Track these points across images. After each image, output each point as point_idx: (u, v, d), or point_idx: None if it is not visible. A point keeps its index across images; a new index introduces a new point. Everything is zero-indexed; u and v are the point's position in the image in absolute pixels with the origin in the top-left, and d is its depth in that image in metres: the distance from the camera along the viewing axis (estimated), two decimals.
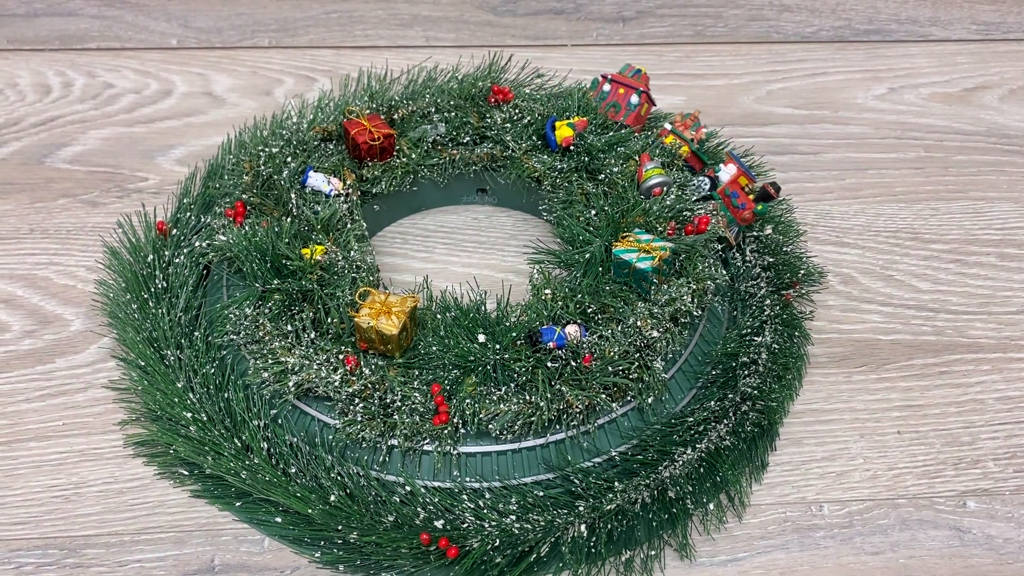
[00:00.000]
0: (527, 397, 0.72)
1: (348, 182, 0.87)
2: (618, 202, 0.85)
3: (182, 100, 1.12)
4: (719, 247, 0.85)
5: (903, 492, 0.78)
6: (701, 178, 0.85)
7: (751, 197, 0.83)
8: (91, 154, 1.05)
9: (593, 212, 0.85)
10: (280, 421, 0.75)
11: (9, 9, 1.21)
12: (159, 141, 1.07)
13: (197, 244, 0.85)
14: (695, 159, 0.90)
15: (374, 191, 0.91)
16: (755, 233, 0.90)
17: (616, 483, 0.72)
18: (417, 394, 0.72)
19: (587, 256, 0.81)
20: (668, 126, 0.90)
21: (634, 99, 0.87)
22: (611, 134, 0.92)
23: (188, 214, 0.90)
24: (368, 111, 0.91)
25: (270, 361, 0.74)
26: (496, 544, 0.69)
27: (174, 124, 1.09)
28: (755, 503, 0.77)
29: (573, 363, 0.73)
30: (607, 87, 0.92)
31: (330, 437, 0.74)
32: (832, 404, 0.84)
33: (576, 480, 0.72)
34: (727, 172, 0.85)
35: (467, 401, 0.72)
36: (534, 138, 0.93)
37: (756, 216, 0.84)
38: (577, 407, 0.73)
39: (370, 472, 0.73)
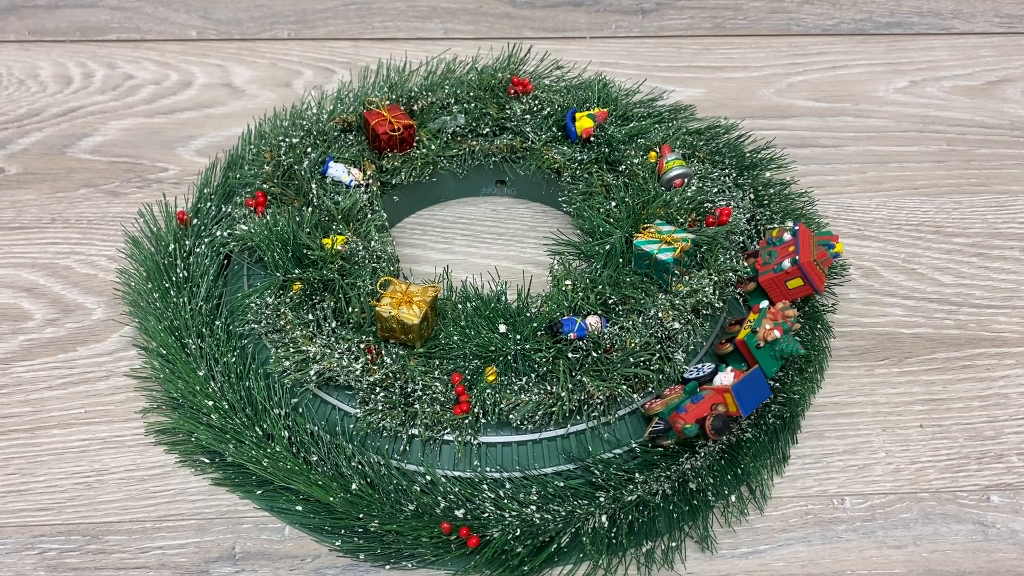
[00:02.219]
0: (548, 387, 0.72)
1: (368, 173, 0.87)
2: (639, 193, 0.84)
3: (202, 91, 1.12)
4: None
5: (926, 486, 0.78)
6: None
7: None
8: (112, 144, 1.05)
9: (613, 203, 0.85)
10: (301, 410, 0.75)
11: (30, 1, 1.22)
12: (179, 132, 1.07)
13: (218, 234, 0.85)
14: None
15: (394, 182, 0.91)
16: (776, 226, 0.89)
17: (637, 474, 0.72)
18: (438, 384, 0.72)
19: (607, 247, 0.81)
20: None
21: (786, 263, 0.77)
22: (632, 125, 0.92)
23: (208, 204, 0.90)
24: (388, 102, 0.91)
25: (291, 350, 0.74)
26: (517, 534, 0.69)
27: (194, 115, 1.09)
28: (776, 496, 0.77)
29: (594, 354, 0.73)
30: (787, 235, 0.80)
31: (351, 426, 0.74)
32: (854, 397, 0.84)
33: (597, 471, 0.72)
34: (724, 377, 0.71)
35: (488, 391, 0.72)
36: (554, 129, 0.93)
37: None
38: (598, 398, 0.72)
39: (391, 461, 0.73)
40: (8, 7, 1.21)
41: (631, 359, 0.73)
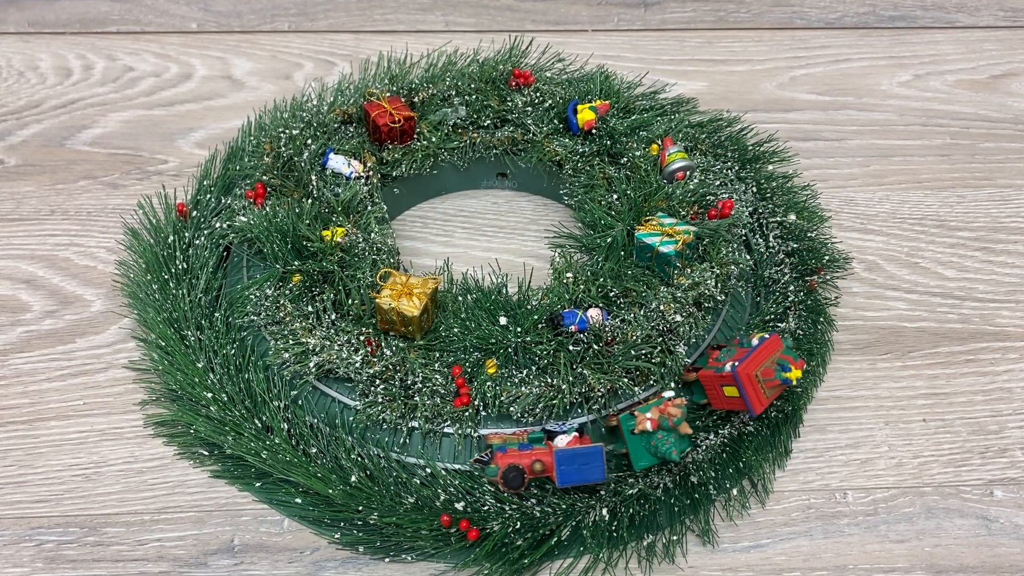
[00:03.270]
0: (548, 380, 0.71)
1: (368, 164, 0.87)
2: (641, 186, 0.84)
3: (202, 84, 1.12)
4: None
5: (929, 480, 0.77)
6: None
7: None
8: (111, 136, 1.05)
9: (615, 196, 0.84)
10: (300, 402, 0.75)
11: None
12: (179, 124, 1.06)
13: (217, 225, 0.84)
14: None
15: (394, 174, 0.90)
16: (779, 219, 0.89)
17: None
18: (438, 376, 0.71)
19: (609, 240, 0.80)
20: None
21: (727, 366, 0.69)
22: (634, 117, 0.91)
23: (208, 196, 0.89)
24: (389, 94, 0.91)
25: (291, 342, 0.73)
26: (517, 527, 0.69)
27: (194, 107, 1.09)
28: (778, 489, 0.76)
29: (595, 347, 0.73)
30: (756, 340, 0.71)
31: (350, 418, 0.73)
32: (857, 391, 0.83)
33: None
34: (561, 439, 0.67)
35: (488, 384, 0.71)
36: (555, 121, 0.92)
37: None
38: (599, 391, 0.72)
39: (390, 454, 0.72)
40: None
41: (632, 352, 0.73)
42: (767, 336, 0.70)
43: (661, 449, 0.66)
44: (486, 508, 0.69)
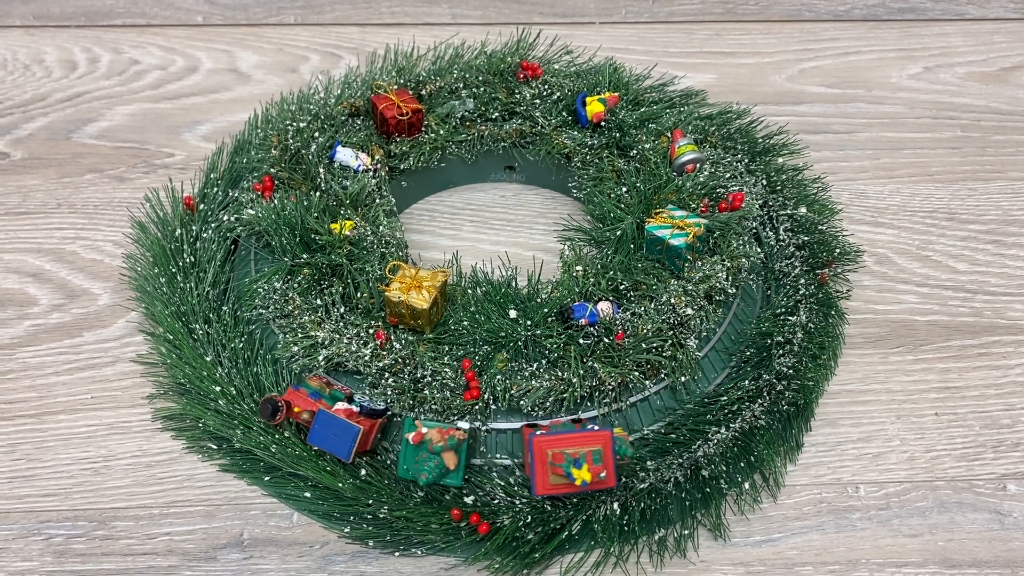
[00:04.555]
0: (559, 373, 0.71)
1: (376, 157, 0.86)
2: (650, 179, 0.83)
3: (208, 77, 1.11)
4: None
5: (941, 474, 0.77)
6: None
7: None
8: (117, 130, 1.04)
9: (624, 189, 0.84)
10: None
11: None
12: (185, 117, 1.06)
13: (225, 218, 0.84)
14: None
15: (402, 167, 0.90)
16: (789, 212, 0.88)
17: (649, 461, 0.71)
18: (448, 369, 0.71)
19: (619, 233, 0.80)
20: None
21: (537, 432, 0.66)
22: (643, 110, 0.91)
23: (215, 189, 0.89)
24: (396, 86, 0.90)
25: (300, 335, 0.73)
26: (527, 521, 0.68)
27: (200, 100, 1.08)
28: (790, 483, 0.76)
29: (606, 340, 0.72)
30: (593, 426, 0.70)
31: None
32: (868, 385, 0.83)
33: None
34: (342, 404, 0.69)
35: (498, 377, 0.71)
36: (564, 114, 0.92)
37: None
38: (610, 384, 0.71)
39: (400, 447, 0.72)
40: None
41: (643, 345, 0.72)
42: (598, 428, 0.67)
43: (417, 467, 0.67)
44: (496, 502, 0.69)
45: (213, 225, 0.85)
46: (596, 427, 0.66)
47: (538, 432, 0.66)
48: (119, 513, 0.73)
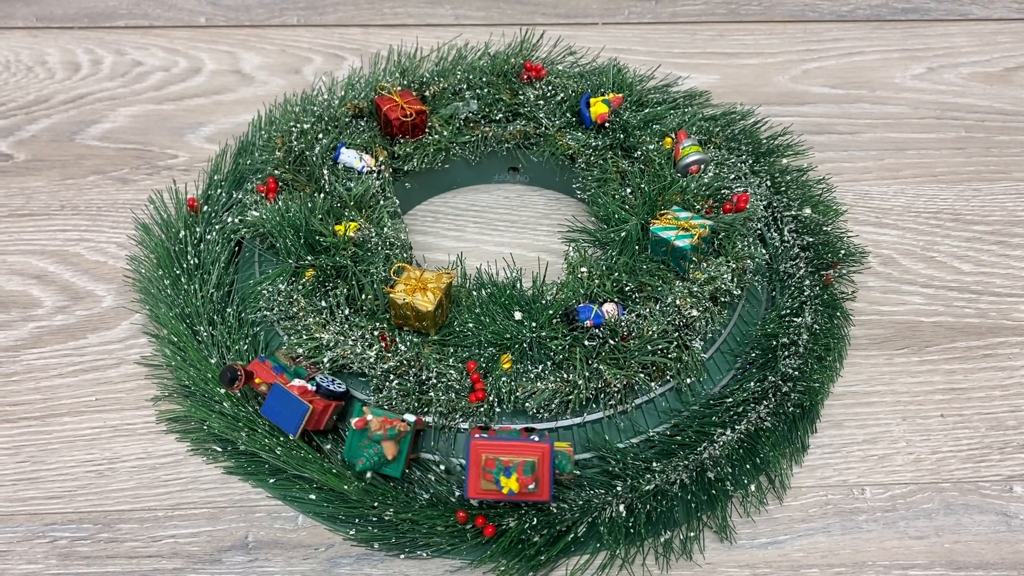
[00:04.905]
0: (564, 375, 0.71)
1: (380, 159, 0.86)
2: (655, 180, 0.83)
3: (211, 78, 1.11)
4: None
5: (947, 476, 0.77)
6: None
7: None
8: (120, 131, 1.04)
9: (629, 190, 0.84)
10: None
11: None
12: (188, 119, 1.06)
13: (229, 220, 0.84)
14: None
15: (406, 168, 0.89)
16: (794, 213, 0.88)
17: (654, 463, 0.71)
18: (452, 371, 0.71)
19: (623, 234, 0.80)
20: None
21: (477, 435, 0.66)
22: (647, 111, 0.91)
23: (219, 191, 0.89)
24: (399, 87, 0.90)
25: (304, 337, 0.73)
26: (533, 523, 0.68)
27: (203, 102, 1.08)
28: (796, 485, 0.76)
29: (611, 341, 0.72)
30: (535, 437, 0.67)
31: None
32: (873, 386, 0.83)
33: (614, 460, 0.71)
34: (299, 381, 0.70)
35: (503, 379, 0.71)
36: (568, 115, 0.92)
37: None
38: (615, 386, 0.71)
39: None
40: None
41: (648, 347, 0.72)
42: (537, 439, 0.66)
43: (358, 453, 0.67)
44: (502, 504, 0.69)
45: (217, 227, 0.85)
46: (536, 438, 0.66)
47: (481, 435, 0.66)
48: (124, 515, 0.73)
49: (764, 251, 0.83)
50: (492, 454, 0.65)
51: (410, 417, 0.69)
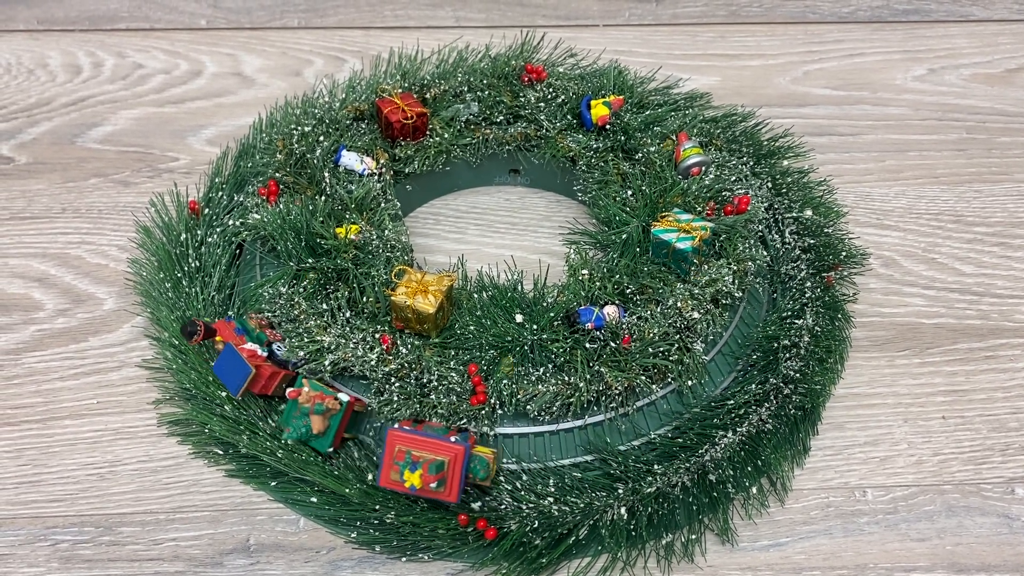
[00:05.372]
0: (565, 378, 0.71)
1: (381, 161, 0.86)
2: (656, 182, 0.83)
3: (212, 80, 1.11)
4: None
5: (949, 478, 0.76)
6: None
7: None
8: (122, 134, 1.04)
9: (630, 192, 0.84)
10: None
11: None
12: (189, 121, 1.06)
13: (230, 223, 0.84)
14: None
15: (407, 171, 0.89)
16: (795, 215, 0.88)
17: (656, 466, 0.71)
18: (454, 374, 0.71)
19: (624, 237, 0.80)
20: None
21: (396, 425, 0.68)
22: (648, 112, 0.91)
23: (220, 193, 0.89)
24: (400, 90, 0.90)
25: (305, 340, 0.73)
26: (535, 526, 0.68)
27: (204, 104, 1.08)
28: (797, 487, 0.76)
29: (612, 344, 0.72)
30: (455, 438, 0.67)
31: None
32: (875, 388, 0.82)
33: (615, 462, 0.71)
34: (252, 346, 0.72)
35: (504, 382, 0.71)
36: (569, 117, 0.92)
37: None
38: (616, 388, 0.71)
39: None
40: None
41: (650, 349, 0.72)
42: (456, 440, 0.66)
43: (288, 421, 0.68)
44: (503, 507, 0.69)
45: (218, 230, 0.85)
46: (455, 439, 0.66)
47: (404, 428, 0.66)
48: (125, 519, 0.73)
49: (765, 253, 0.83)
50: (405, 447, 0.65)
51: (344, 396, 0.69)
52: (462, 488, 0.65)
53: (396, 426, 0.66)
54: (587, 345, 0.72)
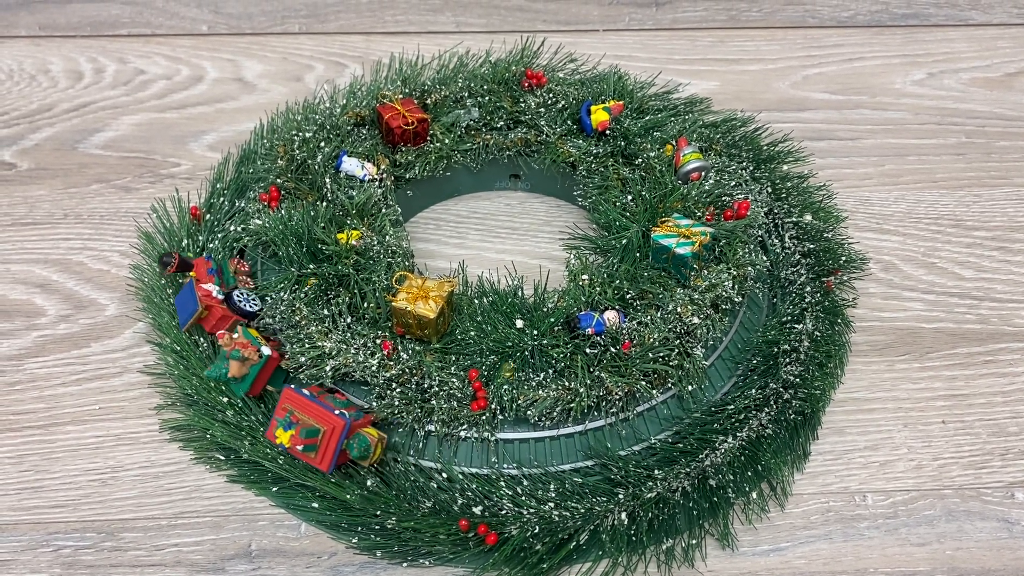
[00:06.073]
0: (566, 383, 0.71)
1: (382, 167, 0.87)
2: (656, 187, 0.83)
3: (213, 86, 1.12)
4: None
5: (949, 483, 0.77)
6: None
7: None
8: (123, 140, 1.05)
9: (630, 197, 0.84)
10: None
11: None
12: (191, 127, 1.06)
13: (232, 229, 0.84)
14: None
15: (407, 176, 0.90)
16: (794, 219, 0.88)
17: (656, 471, 0.71)
18: (454, 379, 0.71)
19: (624, 242, 0.80)
20: None
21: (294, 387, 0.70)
22: (647, 118, 0.91)
23: (221, 199, 0.89)
24: (401, 95, 0.91)
25: (307, 345, 0.73)
26: (535, 531, 0.68)
27: (205, 110, 1.09)
28: (797, 492, 0.76)
29: (612, 349, 0.72)
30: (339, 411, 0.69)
31: None
32: (875, 393, 0.83)
33: (615, 468, 0.71)
34: (213, 288, 0.77)
35: (505, 387, 0.71)
36: (569, 122, 0.92)
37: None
38: (616, 394, 0.71)
39: (407, 457, 0.72)
40: (19, 2, 1.20)
41: (650, 354, 0.72)
42: (340, 412, 0.68)
43: (215, 360, 0.71)
44: (504, 512, 0.69)
45: (219, 235, 0.85)
46: (340, 412, 0.67)
47: (303, 391, 0.69)
48: (127, 524, 0.73)
49: (765, 258, 0.83)
50: (290, 406, 0.68)
51: (266, 350, 0.71)
52: (335, 461, 0.67)
53: (295, 388, 0.69)
54: (587, 350, 0.72)
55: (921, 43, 1.22)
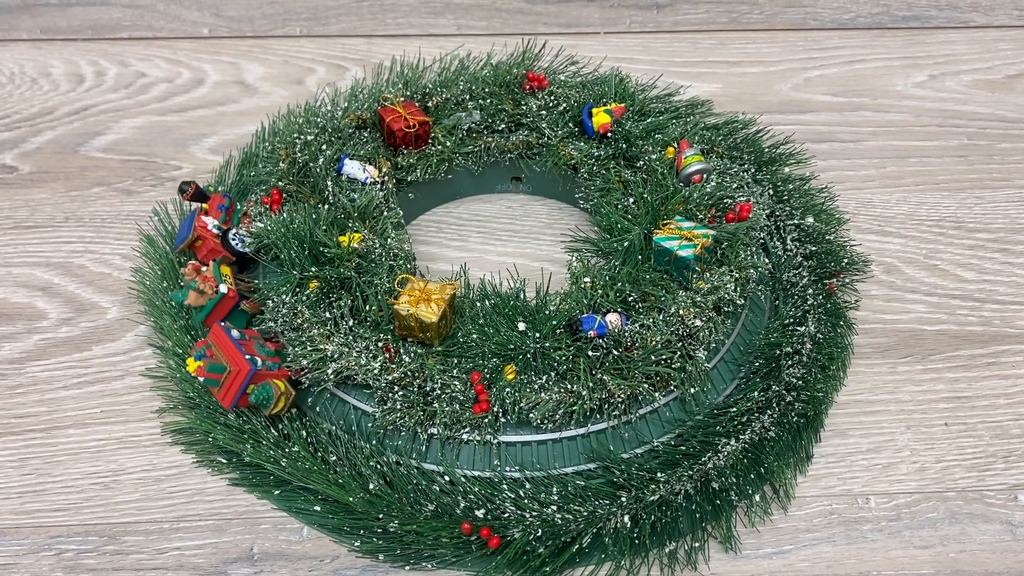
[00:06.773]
0: (568, 386, 0.71)
1: (383, 170, 0.86)
2: (657, 189, 0.83)
3: (214, 89, 1.12)
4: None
5: (952, 485, 0.76)
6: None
7: None
8: (125, 143, 1.05)
9: (631, 200, 0.84)
10: (319, 409, 0.74)
11: None
12: (192, 130, 1.06)
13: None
14: None
15: (409, 179, 0.90)
16: (796, 222, 0.88)
17: (659, 474, 0.71)
18: (457, 382, 0.71)
19: (626, 244, 0.80)
20: None
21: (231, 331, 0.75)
22: (649, 120, 0.91)
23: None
24: (403, 98, 0.91)
25: (308, 348, 0.73)
26: (538, 534, 0.68)
27: (207, 113, 1.09)
28: (800, 495, 0.76)
29: (615, 352, 0.72)
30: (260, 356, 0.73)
31: (369, 425, 0.73)
32: (877, 395, 0.83)
33: (618, 470, 0.71)
34: (208, 221, 0.82)
35: (507, 390, 0.71)
36: (570, 125, 0.92)
37: None
38: (619, 396, 0.71)
39: (409, 461, 0.72)
40: (20, 5, 1.20)
41: (652, 357, 0.72)
42: (259, 364, 0.71)
43: (182, 289, 0.76)
44: (507, 515, 0.69)
45: None
46: (256, 360, 0.70)
47: (236, 332, 0.73)
48: (129, 528, 0.73)
49: (767, 260, 0.83)
50: (212, 341, 0.72)
51: (223, 288, 0.76)
52: (236, 401, 0.70)
53: (226, 326, 0.73)
54: (590, 353, 0.72)
55: (922, 45, 1.22)
